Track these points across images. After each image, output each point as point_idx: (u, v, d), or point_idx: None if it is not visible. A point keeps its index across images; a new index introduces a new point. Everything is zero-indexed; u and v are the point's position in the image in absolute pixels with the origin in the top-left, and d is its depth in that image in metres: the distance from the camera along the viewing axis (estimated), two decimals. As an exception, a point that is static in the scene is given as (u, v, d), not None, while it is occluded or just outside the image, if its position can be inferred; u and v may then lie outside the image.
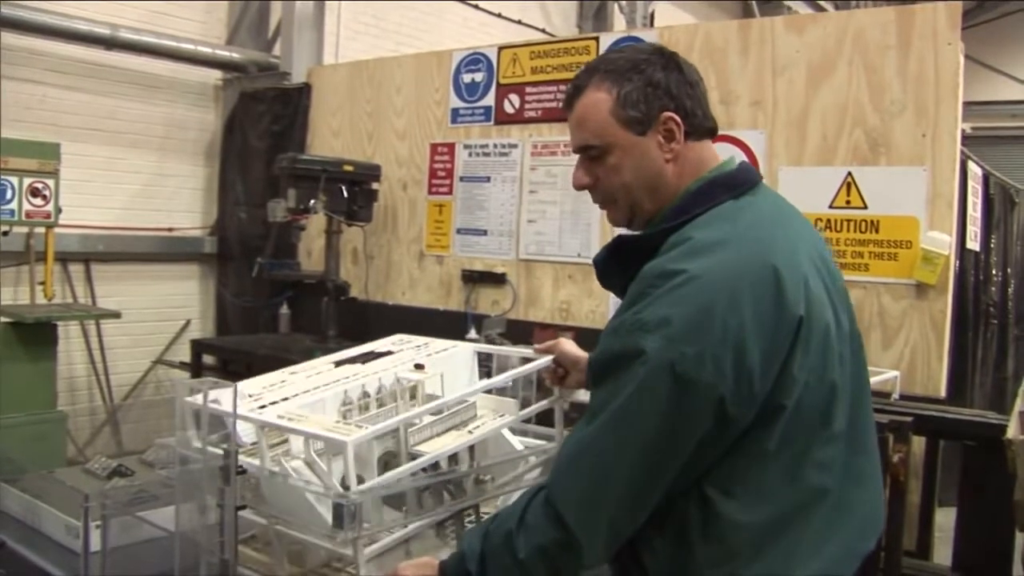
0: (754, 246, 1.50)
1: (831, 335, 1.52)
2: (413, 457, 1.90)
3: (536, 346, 2.17)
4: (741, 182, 1.63)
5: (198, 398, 1.72)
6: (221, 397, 1.77)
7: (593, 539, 1.47)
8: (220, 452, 1.71)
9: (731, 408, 1.41)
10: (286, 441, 1.93)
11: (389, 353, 2.33)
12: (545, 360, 2.11)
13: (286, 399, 1.97)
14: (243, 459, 1.85)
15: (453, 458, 2.02)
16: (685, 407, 1.41)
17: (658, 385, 1.40)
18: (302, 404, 1.95)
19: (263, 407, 1.90)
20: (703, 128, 1.65)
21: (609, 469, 1.45)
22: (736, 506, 1.46)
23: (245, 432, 1.92)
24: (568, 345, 2.12)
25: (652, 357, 1.41)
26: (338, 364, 2.25)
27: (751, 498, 1.46)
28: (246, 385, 2.06)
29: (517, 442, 2.19)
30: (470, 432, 2.03)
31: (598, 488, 1.46)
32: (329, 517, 1.70)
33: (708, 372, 1.39)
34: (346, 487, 1.68)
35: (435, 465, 1.96)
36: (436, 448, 1.93)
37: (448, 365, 2.29)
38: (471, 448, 2.06)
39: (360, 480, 1.74)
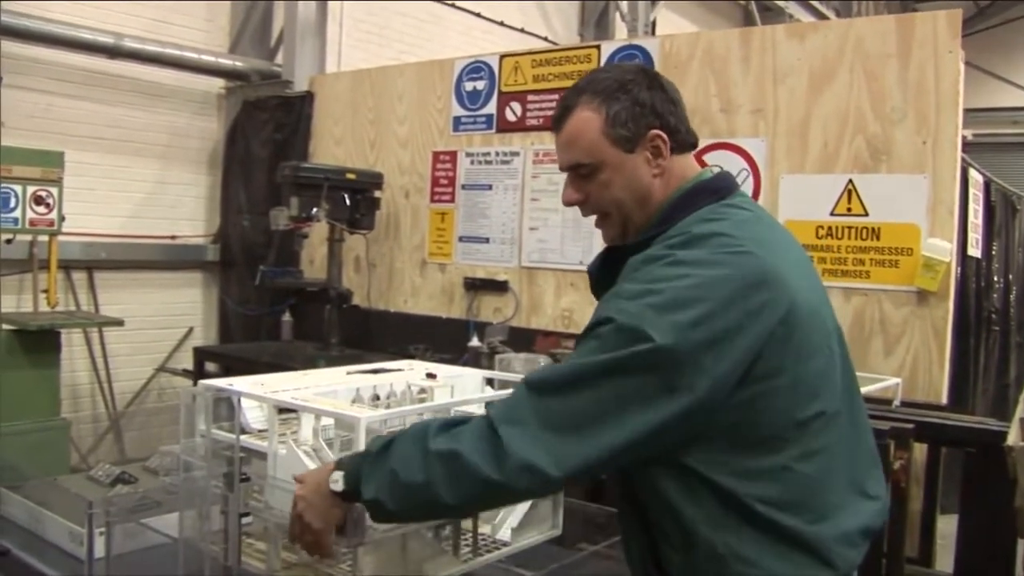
0: (737, 237, 1.54)
1: (813, 326, 1.56)
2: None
3: None
4: (721, 187, 1.69)
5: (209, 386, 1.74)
6: (234, 383, 1.79)
7: (518, 460, 1.42)
8: (226, 438, 1.72)
9: (703, 387, 1.42)
10: (295, 432, 1.94)
11: (399, 371, 2.35)
12: None
13: (298, 389, 1.99)
14: (251, 442, 1.86)
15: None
16: (655, 375, 1.42)
17: (628, 347, 1.42)
18: (315, 393, 1.97)
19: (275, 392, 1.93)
20: (686, 143, 1.72)
21: (564, 402, 1.44)
22: (747, 490, 1.48)
23: (255, 420, 1.94)
24: None
25: (628, 320, 1.43)
26: (349, 374, 2.28)
27: (761, 482, 1.49)
28: (261, 378, 2.09)
29: None
30: None
31: (544, 417, 1.44)
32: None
33: (685, 344, 1.41)
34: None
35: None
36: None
37: (457, 386, 2.29)
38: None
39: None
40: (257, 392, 1.91)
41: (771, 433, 1.49)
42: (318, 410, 1.80)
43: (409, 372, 2.32)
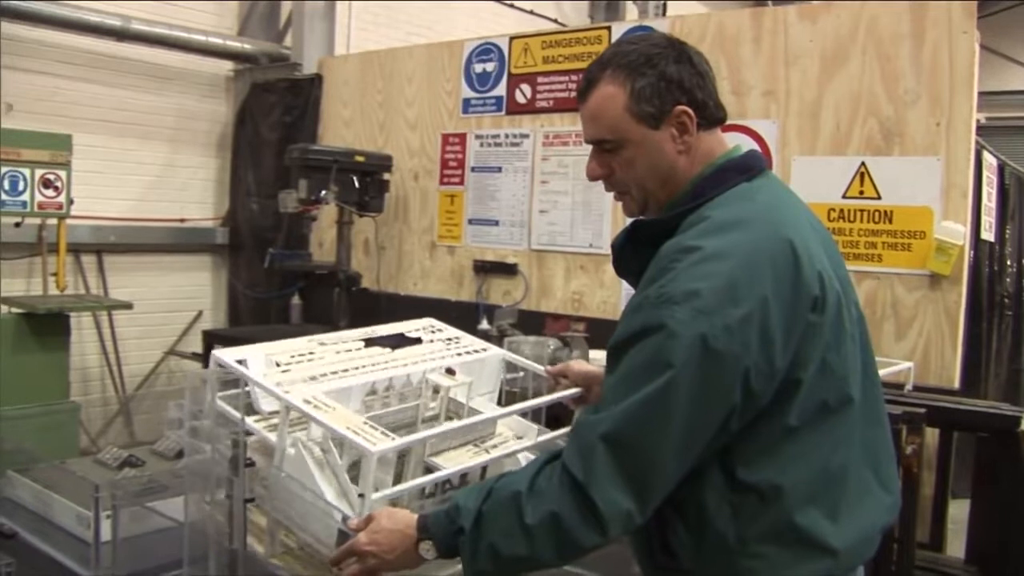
0: (772, 224, 1.52)
1: (842, 313, 1.55)
2: (428, 468, 1.89)
3: (548, 368, 2.19)
4: (752, 166, 1.66)
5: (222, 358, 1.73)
6: (248, 356, 1.77)
7: (616, 515, 1.44)
8: (232, 414, 1.70)
9: (754, 382, 1.43)
10: (304, 425, 1.91)
11: (419, 341, 2.29)
12: (575, 391, 2.11)
13: (314, 378, 1.94)
14: (260, 429, 1.84)
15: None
16: (715, 380, 1.41)
17: (689, 357, 1.40)
18: (329, 390, 1.90)
19: (291, 385, 1.88)
20: (714, 118, 1.66)
21: (641, 442, 1.43)
22: (762, 479, 1.48)
23: (264, 400, 1.92)
24: (578, 365, 2.16)
25: (681, 329, 1.41)
26: (367, 343, 2.22)
27: (778, 470, 1.48)
28: (273, 348, 2.06)
29: None
30: (487, 451, 2.00)
31: (627, 465, 1.43)
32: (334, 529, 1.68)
33: (737, 344, 1.40)
34: (361, 495, 1.67)
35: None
36: (451, 460, 1.92)
37: (476, 370, 2.24)
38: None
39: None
40: (270, 382, 1.86)
41: (799, 422, 1.48)
42: (331, 428, 1.73)
43: (430, 344, 2.28)
